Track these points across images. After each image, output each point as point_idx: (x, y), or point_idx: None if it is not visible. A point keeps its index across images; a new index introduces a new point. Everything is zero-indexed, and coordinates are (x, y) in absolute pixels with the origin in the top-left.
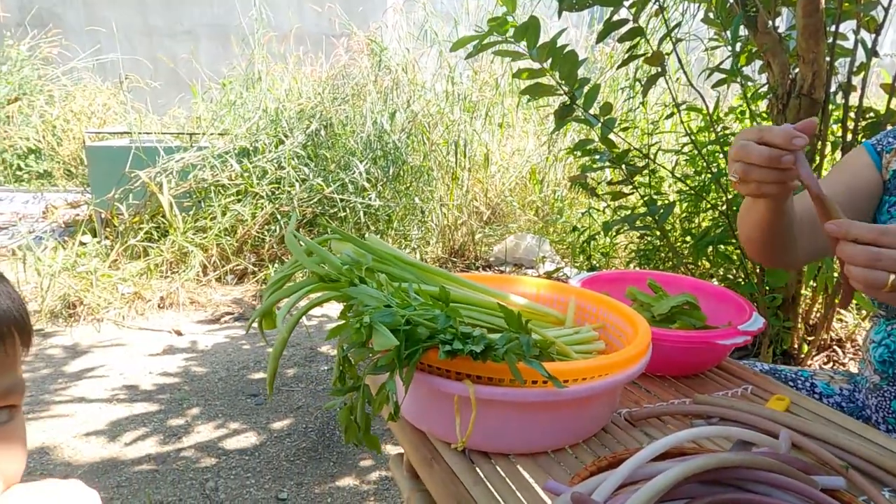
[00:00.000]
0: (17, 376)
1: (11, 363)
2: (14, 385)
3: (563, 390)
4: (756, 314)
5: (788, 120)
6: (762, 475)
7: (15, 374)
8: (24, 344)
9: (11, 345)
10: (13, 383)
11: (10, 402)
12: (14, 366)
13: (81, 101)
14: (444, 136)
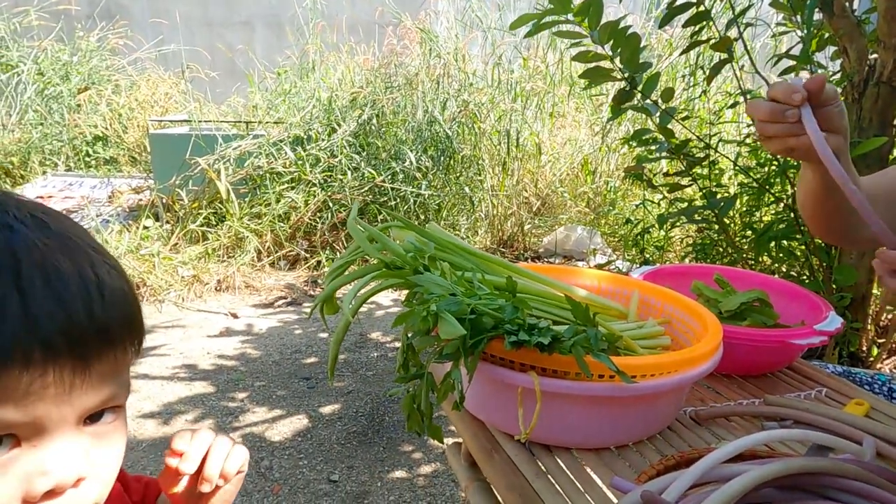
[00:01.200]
0: (125, 380)
1: (121, 368)
2: (120, 387)
3: (631, 386)
4: (833, 313)
5: (864, 109)
6: (846, 483)
7: (121, 378)
8: (136, 350)
9: (123, 351)
10: (118, 386)
11: (116, 402)
12: (123, 370)
13: (145, 90)
14: (495, 125)
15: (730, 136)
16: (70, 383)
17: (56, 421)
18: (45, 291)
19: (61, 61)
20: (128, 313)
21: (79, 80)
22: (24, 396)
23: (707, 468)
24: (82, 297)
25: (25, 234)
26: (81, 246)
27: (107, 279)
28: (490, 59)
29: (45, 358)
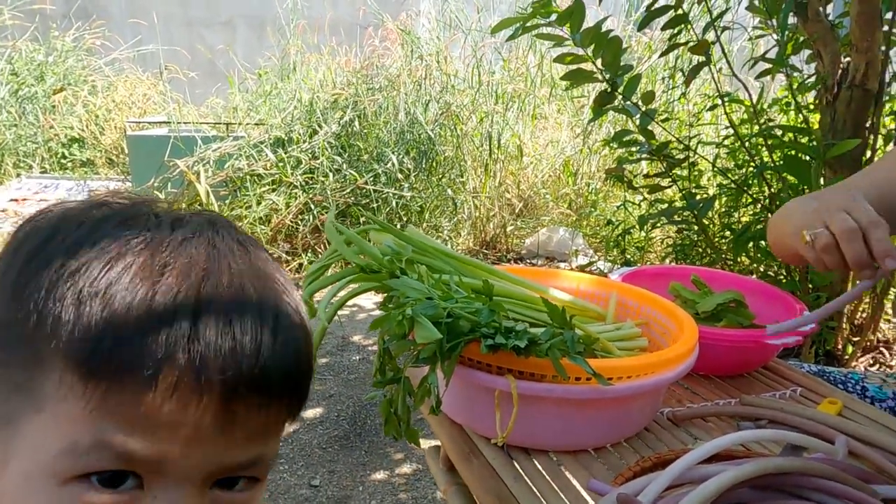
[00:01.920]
0: (271, 450)
1: (270, 432)
2: (263, 455)
3: (608, 388)
4: (807, 312)
5: (838, 112)
6: (818, 482)
7: (268, 445)
8: (293, 414)
9: (277, 411)
10: (263, 453)
11: (254, 472)
12: (273, 434)
13: (123, 91)
14: (477, 127)
15: (709, 138)
16: (209, 428)
17: (182, 469)
18: (218, 319)
19: (36, 61)
20: (294, 371)
21: (54, 81)
22: (154, 427)
23: (682, 470)
24: (254, 337)
25: (225, 254)
26: (274, 286)
27: (286, 327)
28: (471, 61)
29: (192, 389)
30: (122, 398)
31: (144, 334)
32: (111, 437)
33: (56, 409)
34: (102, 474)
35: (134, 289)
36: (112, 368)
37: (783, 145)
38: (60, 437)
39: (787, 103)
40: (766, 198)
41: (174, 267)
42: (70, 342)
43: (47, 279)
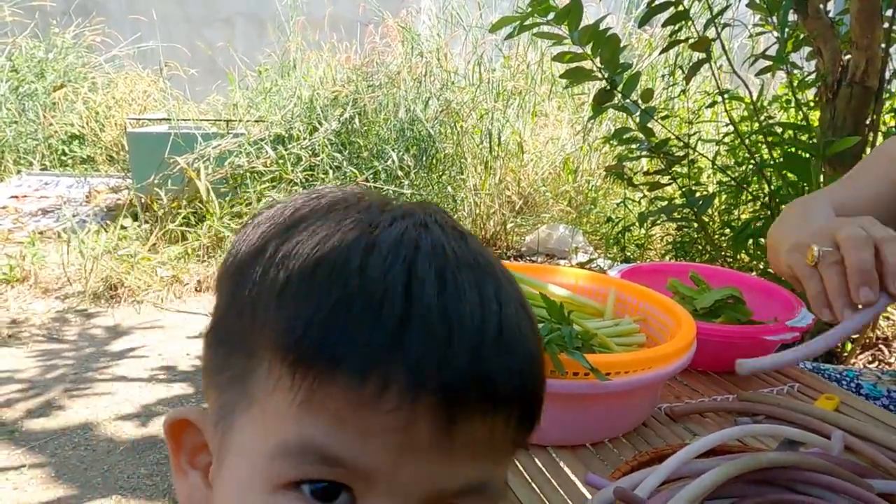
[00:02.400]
0: (499, 474)
1: (498, 450)
2: (489, 482)
3: (605, 383)
4: (804, 309)
5: (838, 109)
6: (814, 477)
7: (495, 469)
8: (523, 432)
9: (505, 424)
10: (489, 480)
11: (475, 502)
12: (500, 456)
13: (123, 88)
14: (477, 124)
15: (708, 136)
16: (425, 434)
17: (396, 485)
18: (434, 304)
19: (36, 58)
20: (523, 376)
21: (54, 78)
22: (363, 429)
23: (679, 464)
24: (473, 327)
25: (439, 236)
26: (496, 275)
27: (513, 318)
28: (472, 58)
29: (404, 386)
30: (329, 391)
31: (352, 324)
32: (318, 439)
33: (265, 405)
34: (314, 484)
35: (343, 273)
36: (320, 357)
37: (783, 143)
38: (268, 436)
39: (788, 100)
40: (765, 195)
41: (384, 249)
42: (278, 329)
43: (261, 266)
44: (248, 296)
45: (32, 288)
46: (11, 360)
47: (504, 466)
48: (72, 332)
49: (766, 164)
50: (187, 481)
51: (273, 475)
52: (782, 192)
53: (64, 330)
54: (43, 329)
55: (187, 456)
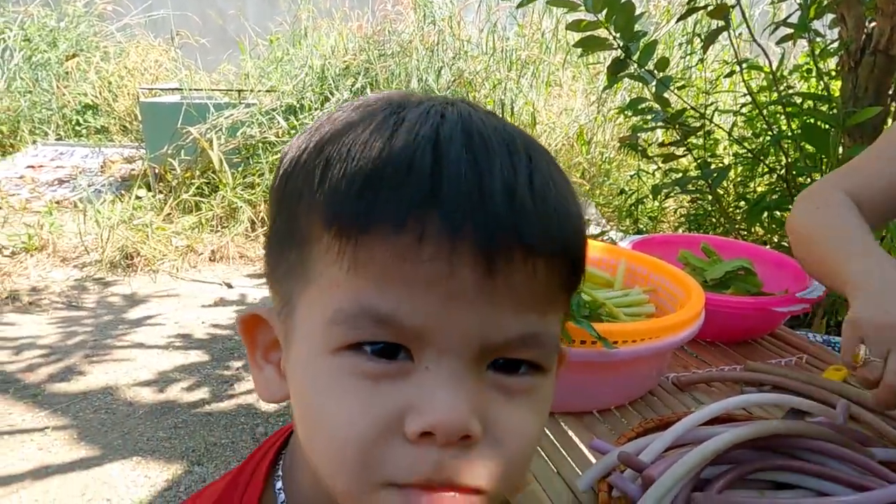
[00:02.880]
0: (548, 326)
1: (543, 298)
2: (539, 333)
3: (612, 351)
4: (816, 282)
5: (860, 78)
6: (817, 444)
7: (543, 321)
8: (568, 281)
9: (547, 272)
10: (538, 331)
11: (530, 355)
12: (548, 305)
13: (135, 57)
14: (490, 94)
15: (726, 106)
16: (468, 283)
17: (448, 337)
18: (462, 157)
19: (48, 27)
20: (560, 223)
21: (66, 47)
22: (407, 284)
23: (684, 431)
24: (507, 178)
25: (465, 108)
26: (529, 140)
27: (545, 170)
28: (485, 26)
29: (439, 236)
30: (371, 251)
31: (385, 183)
32: (367, 299)
33: (321, 280)
34: (374, 345)
35: (372, 142)
36: (359, 220)
37: (802, 113)
38: (326, 305)
39: (808, 70)
40: (782, 167)
41: (413, 119)
42: (321, 208)
43: (306, 157)
44: (294, 192)
45: (51, 257)
46: (33, 326)
47: (552, 319)
48: (90, 300)
49: (784, 136)
50: (263, 374)
51: (333, 340)
52: (799, 164)
53: (83, 298)
54: (62, 297)
55: (262, 352)
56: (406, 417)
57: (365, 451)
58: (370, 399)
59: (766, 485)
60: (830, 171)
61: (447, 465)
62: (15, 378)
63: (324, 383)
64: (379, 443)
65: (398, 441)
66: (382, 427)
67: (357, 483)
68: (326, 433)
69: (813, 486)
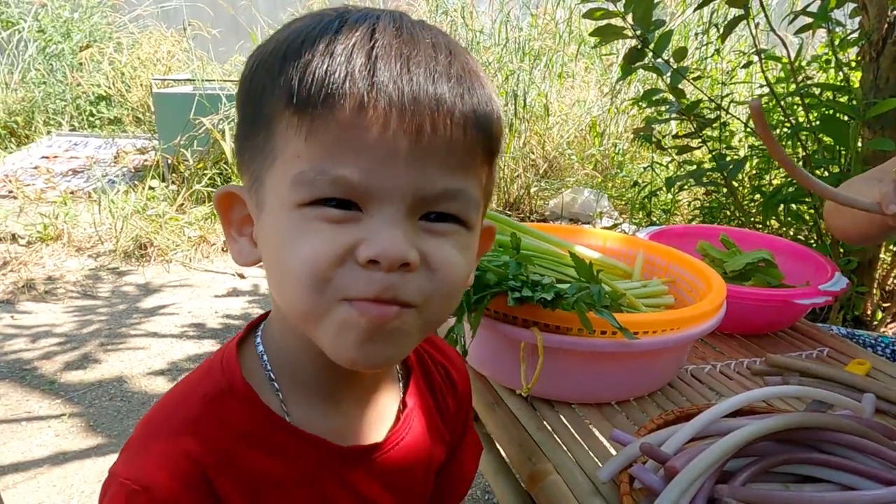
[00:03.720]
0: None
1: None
2: (461, 191)
3: (633, 342)
4: (839, 274)
5: (882, 69)
6: (843, 437)
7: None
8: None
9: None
10: (461, 188)
11: (456, 209)
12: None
13: (147, 48)
14: (503, 85)
15: (742, 97)
16: (397, 143)
17: (386, 190)
18: (393, 44)
19: (62, 18)
20: (477, 103)
21: (80, 38)
22: (354, 147)
23: (706, 423)
24: (430, 62)
25: (397, 14)
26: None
27: (463, 63)
28: (498, 16)
29: (374, 110)
30: (325, 122)
31: (331, 66)
32: (322, 162)
33: (285, 154)
34: (329, 201)
35: (321, 35)
36: (312, 98)
37: (821, 104)
38: (290, 171)
39: (827, 60)
40: (800, 160)
41: (350, 19)
42: (280, 90)
43: (267, 57)
44: (258, 86)
45: (66, 246)
46: (49, 315)
47: (473, 182)
48: (105, 289)
49: (802, 128)
50: (238, 245)
51: (297, 197)
52: (817, 156)
53: (97, 287)
54: (77, 286)
55: (236, 227)
56: (357, 248)
57: (325, 276)
58: (329, 236)
59: (791, 478)
60: (849, 163)
61: (391, 285)
62: (32, 366)
63: (291, 229)
64: (336, 268)
65: (351, 267)
66: (340, 255)
67: (318, 301)
68: (295, 266)
69: (838, 479)
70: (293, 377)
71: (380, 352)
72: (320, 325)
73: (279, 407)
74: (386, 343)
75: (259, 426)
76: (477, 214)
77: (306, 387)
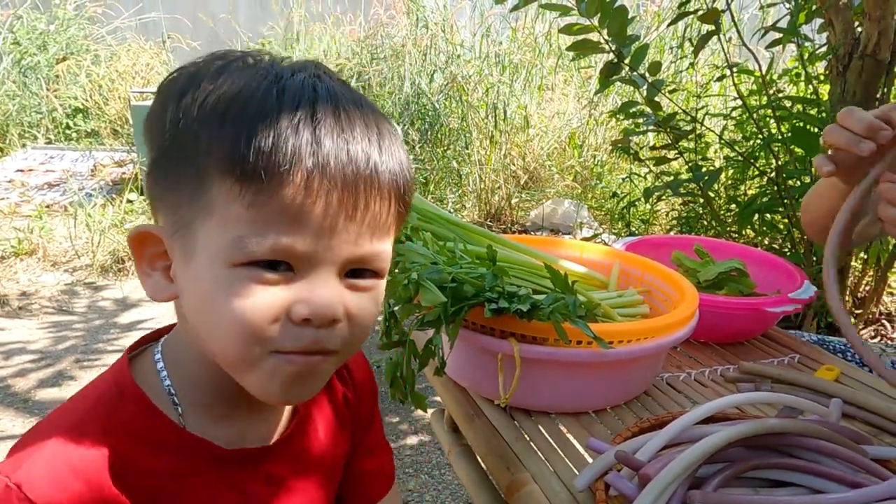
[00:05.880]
0: (387, 249)
1: (388, 226)
2: (384, 251)
3: (608, 351)
4: (808, 282)
5: (849, 82)
6: (810, 442)
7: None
8: (402, 214)
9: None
10: (384, 249)
11: (376, 265)
12: (390, 230)
13: (126, 60)
14: (483, 98)
15: (716, 110)
16: (337, 217)
17: (321, 256)
18: (334, 125)
19: (38, 30)
20: (399, 176)
21: (56, 50)
22: (295, 219)
23: (679, 430)
24: (363, 141)
25: (330, 83)
26: (373, 109)
27: (388, 138)
28: (478, 30)
29: (319, 188)
30: (267, 195)
31: (279, 142)
32: (262, 230)
33: (223, 214)
34: (263, 262)
35: (263, 109)
36: (257, 170)
37: (792, 117)
38: (226, 233)
39: (797, 74)
40: (772, 170)
41: (291, 91)
42: (223, 150)
43: (196, 108)
44: (189, 128)
45: (41, 261)
46: (23, 331)
47: (390, 241)
48: (81, 305)
49: (774, 139)
50: (151, 279)
51: (234, 258)
52: (790, 167)
53: (73, 302)
54: (52, 301)
55: (148, 262)
56: (292, 308)
57: (259, 333)
58: (264, 297)
59: (761, 482)
60: None
61: (319, 339)
62: (5, 384)
63: (227, 286)
64: (269, 326)
65: (283, 323)
66: (273, 316)
67: (249, 352)
68: (229, 322)
69: (807, 483)
70: (192, 392)
71: (302, 392)
72: (249, 372)
73: (175, 415)
74: (308, 384)
75: (152, 429)
76: (388, 265)
77: (203, 400)
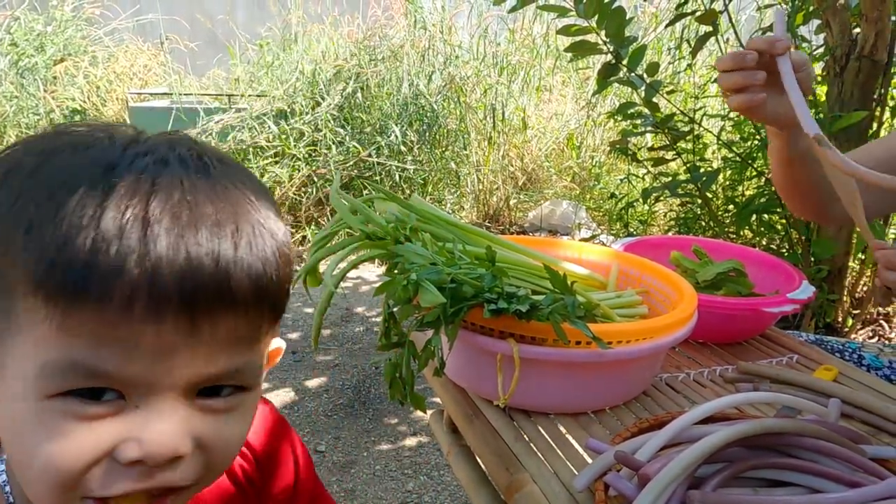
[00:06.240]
0: (253, 359)
1: (250, 339)
2: (245, 365)
3: (607, 352)
4: (806, 282)
5: (846, 83)
6: (809, 442)
7: (249, 354)
8: (271, 322)
9: (248, 322)
10: (244, 363)
11: (237, 381)
12: (253, 343)
13: (123, 62)
14: (481, 99)
15: (714, 111)
16: (174, 339)
17: (158, 381)
18: (169, 231)
19: (35, 31)
20: (263, 279)
21: (54, 52)
22: (121, 345)
23: (678, 430)
24: (210, 247)
25: (176, 170)
26: (238, 198)
27: (249, 236)
28: (476, 31)
29: (147, 306)
30: (81, 316)
31: (94, 253)
32: (78, 355)
33: (30, 332)
34: (79, 392)
35: (81, 211)
36: (66, 288)
37: None
38: (35, 357)
39: None
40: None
41: (122, 185)
42: (28, 267)
43: (4, 210)
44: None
45: None
46: None
47: (258, 349)
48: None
49: None
50: None
51: (43, 389)
52: None
53: None
54: None
55: None
56: (119, 448)
57: (76, 479)
58: (82, 437)
59: (760, 482)
60: None
61: (156, 480)
62: None
63: (37, 424)
64: (89, 470)
65: (109, 464)
66: (92, 460)
67: (65, 500)
68: (40, 466)
69: (806, 482)
70: None
71: None
72: None
73: None
74: None
75: None
76: (262, 373)
77: None
